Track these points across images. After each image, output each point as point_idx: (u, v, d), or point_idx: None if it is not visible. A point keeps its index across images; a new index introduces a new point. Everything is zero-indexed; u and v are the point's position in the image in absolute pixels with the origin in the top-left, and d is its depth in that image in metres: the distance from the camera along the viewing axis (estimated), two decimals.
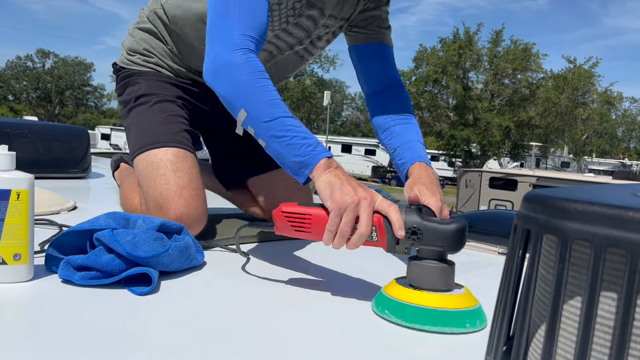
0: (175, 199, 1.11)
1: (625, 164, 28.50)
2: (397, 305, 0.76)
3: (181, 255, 0.90)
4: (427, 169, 1.07)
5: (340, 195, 0.80)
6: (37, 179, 0.84)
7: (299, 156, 0.86)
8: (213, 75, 0.95)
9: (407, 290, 0.77)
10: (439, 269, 0.77)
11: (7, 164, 0.79)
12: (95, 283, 0.80)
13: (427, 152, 1.17)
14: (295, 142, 0.87)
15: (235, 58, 0.92)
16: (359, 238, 0.79)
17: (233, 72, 0.92)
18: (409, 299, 0.75)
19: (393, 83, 1.25)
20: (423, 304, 0.74)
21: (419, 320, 0.73)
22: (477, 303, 0.78)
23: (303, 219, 0.84)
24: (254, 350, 0.64)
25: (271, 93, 0.91)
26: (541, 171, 15.32)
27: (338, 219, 0.80)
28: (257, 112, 0.89)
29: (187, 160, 1.18)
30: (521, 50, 22.37)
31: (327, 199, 0.81)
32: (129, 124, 1.29)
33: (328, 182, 0.83)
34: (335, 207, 0.80)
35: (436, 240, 0.77)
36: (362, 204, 0.80)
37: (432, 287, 0.76)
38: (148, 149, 1.19)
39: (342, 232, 0.80)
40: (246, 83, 0.91)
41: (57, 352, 0.59)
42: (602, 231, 0.37)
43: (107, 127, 33.55)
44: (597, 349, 0.38)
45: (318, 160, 0.85)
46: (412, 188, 0.98)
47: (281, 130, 0.87)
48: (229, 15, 0.96)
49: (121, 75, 1.37)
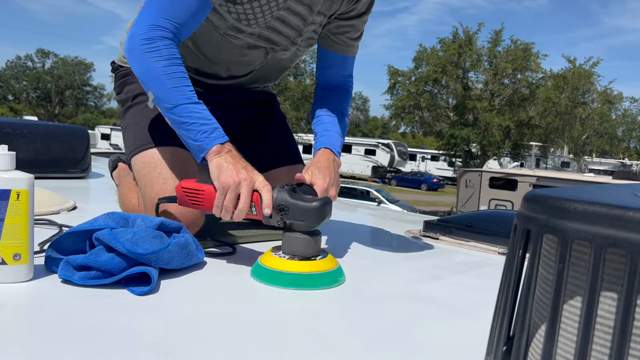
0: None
1: (625, 164, 28.49)
2: (269, 273, 0.90)
3: (181, 252, 0.90)
4: (329, 154, 1.18)
5: (224, 176, 0.94)
6: (37, 179, 0.84)
7: (196, 141, 0.99)
8: (128, 54, 1.04)
9: (278, 259, 0.91)
10: (302, 239, 0.91)
11: (7, 164, 0.79)
12: (95, 283, 0.80)
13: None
14: (193, 128, 0.99)
15: (145, 44, 1.00)
16: (238, 213, 0.94)
17: (143, 56, 1.00)
18: (278, 266, 0.90)
19: (341, 87, 1.36)
20: (287, 270, 0.89)
21: (286, 283, 0.88)
22: (336, 264, 0.94)
23: (197, 194, 0.98)
24: (254, 350, 0.64)
25: (177, 80, 1.00)
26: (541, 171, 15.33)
27: (223, 196, 0.94)
28: (162, 96, 1.00)
29: (184, 160, 1.17)
30: (521, 50, 22.35)
31: (215, 179, 0.95)
32: (126, 123, 1.29)
33: (217, 164, 0.96)
34: (219, 186, 0.94)
35: (300, 215, 0.91)
36: (242, 184, 0.93)
37: (299, 254, 0.91)
38: (145, 148, 1.19)
39: (226, 207, 0.94)
40: (154, 68, 1.00)
41: (57, 352, 0.59)
42: (602, 231, 0.37)
43: (107, 127, 33.57)
44: (597, 349, 0.38)
45: (211, 146, 0.98)
46: (307, 170, 1.10)
47: (182, 117, 0.99)
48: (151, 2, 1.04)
49: (119, 74, 1.37)
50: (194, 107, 0.99)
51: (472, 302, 0.92)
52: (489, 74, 22.77)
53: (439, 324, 0.79)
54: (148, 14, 1.03)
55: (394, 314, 0.82)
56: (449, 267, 1.15)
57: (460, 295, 0.95)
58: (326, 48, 1.32)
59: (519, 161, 25.30)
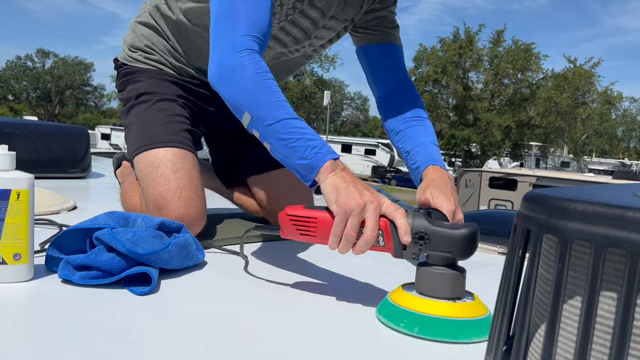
0: (174, 199, 1.11)
1: (625, 163, 28.50)
2: (404, 314, 0.72)
3: (181, 252, 0.90)
4: (441, 171, 1.04)
5: (345, 199, 0.77)
6: (37, 179, 0.84)
7: (304, 159, 0.84)
8: (217, 79, 0.93)
9: (414, 298, 0.73)
10: (447, 276, 0.74)
11: (7, 164, 0.79)
12: (95, 283, 0.80)
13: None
14: (299, 144, 0.84)
15: (239, 60, 0.90)
16: (365, 243, 0.77)
17: (236, 74, 0.90)
18: (416, 307, 0.72)
19: (403, 84, 1.22)
20: (430, 313, 0.71)
21: (426, 330, 0.70)
22: (487, 312, 0.75)
23: (308, 223, 0.82)
24: (254, 350, 0.64)
25: (275, 95, 0.89)
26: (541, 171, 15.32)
27: (343, 223, 0.77)
28: (261, 114, 0.87)
29: (187, 161, 1.17)
30: (522, 51, 22.35)
31: (333, 203, 0.79)
32: (129, 122, 1.28)
33: (333, 185, 0.80)
34: (340, 211, 0.78)
35: (445, 246, 0.74)
36: (368, 207, 0.77)
37: (441, 295, 0.73)
38: (148, 148, 1.18)
39: (347, 236, 0.77)
40: (249, 85, 0.89)
41: (57, 352, 0.59)
42: (602, 231, 0.37)
43: (107, 127, 33.55)
44: (597, 349, 0.38)
45: (323, 163, 0.83)
46: (424, 191, 0.95)
47: (285, 133, 0.85)
48: (231, 17, 0.94)
49: (122, 72, 1.36)
50: (296, 122, 0.87)
51: None
52: (490, 74, 22.76)
53: None
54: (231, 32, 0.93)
55: None
56: None
57: None
58: (368, 43, 1.23)
59: (519, 161, 25.30)
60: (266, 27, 0.96)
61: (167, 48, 1.32)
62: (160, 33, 1.32)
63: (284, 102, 0.89)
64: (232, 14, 0.94)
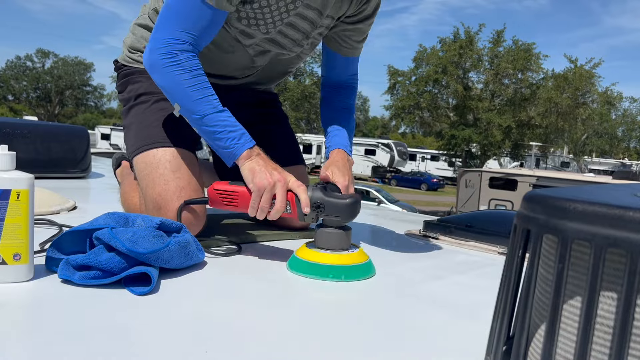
0: (174, 199, 1.11)
1: (625, 164, 28.50)
2: (306, 265, 0.96)
3: (181, 252, 0.90)
4: (344, 154, 1.25)
5: (259, 179, 0.98)
6: (37, 179, 0.84)
7: (227, 148, 1.03)
8: (149, 68, 1.07)
9: (313, 252, 0.98)
10: (336, 234, 0.98)
11: (7, 164, 0.79)
12: (95, 283, 0.80)
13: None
14: (222, 136, 1.03)
15: (165, 58, 1.03)
16: (276, 212, 1.00)
17: (165, 70, 1.03)
18: (316, 259, 0.96)
19: (348, 83, 1.41)
20: (325, 262, 0.95)
21: (324, 274, 0.94)
22: (367, 258, 1.00)
23: (231, 196, 1.04)
24: (254, 350, 0.64)
25: (202, 91, 1.03)
26: (541, 171, 15.32)
27: (259, 198, 0.99)
28: (189, 108, 1.04)
29: (186, 160, 1.18)
30: (522, 51, 22.33)
31: (250, 182, 1.00)
32: (129, 122, 1.28)
33: (250, 168, 1.01)
34: (255, 188, 0.99)
35: (335, 212, 0.99)
36: (277, 185, 0.99)
37: (333, 247, 0.98)
38: (147, 148, 1.18)
39: (262, 208, 0.99)
40: (177, 81, 1.03)
41: (57, 352, 0.59)
42: (602, 231, 0.37)
43: (107, 127, 33.56)
44: (597, 349, 0.38)
45: (242, 151, 1.02)
46: (327, 169, 1.16)
47: (210, 126, 1.03)
48: (167, 16, 1.05)
49: (122, 73, 1.37)
50: (220, 115, 1.03)
51: (472, 302, 0.92)
52: (490, 74, 22.75)
53: (439, 324, 0.79)
54: (165, 27, 1.05)
55: (394, 314, 0.82)
56: (449, 267, 1.15)
57: (460, 295, 0.95)
58: (333, 49, 1.35)
59: (519, 161, 25.30)
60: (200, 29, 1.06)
61: None
62: None
63: (209, 97, 1.04)
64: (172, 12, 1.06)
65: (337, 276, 0.94)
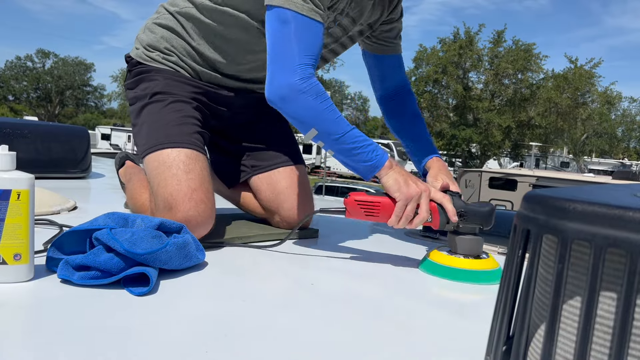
0: (185, 200, 1.11)
1: (625, 164, 28.49)
2: (445, 269, 1.04)
3: (179, 253, 0.90)
4: (443, 162, 1.32)
5: (406, 189, 1.04)
6: (37, 179, 0.84)
7: (368, 161, 1.07)
8: (278, 99, 1.07)
9: (454, 258, 1.05)
10: (476, 240, 1.06)
11: (7, 164, 0.79)
12: (94, 283, 0.80)
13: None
14: (363, 150, 1.07)
15: (300, 85, 1.04)
16: (419, 221, 1.06)
17: (301, 97, 1.05)
18: (456, 264, 1.04)
19: (404, 87, 1.45)
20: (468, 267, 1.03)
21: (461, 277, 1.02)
22: (498, 265, 1.07)
23: (373, 206, 1.08)
24: (254, 350, 0.64)
25: (336, 112, 1.07)
26: (541, 171, 15.30)
27: (404, 207, 1.05)
28: (327, 130, 1.06)
29: (199, 163, 1.18)
30: (523, 51, 22.32)
31: (396, 191, 1.05)
32: (142, 121, 1.27)
33: (394, 179, 1.06)
34: (403, 197, 1.04)
35: (477, 220, 1.07)
36: (423, 195, 1.05)
37: (472, 253, 1.05)
38: (161, 147, 1.18)
39: (407, 216, 1.05)
40: (314, 106, 1.05)
41: (57, 352, 0.59)
42: (602, 231, 0.37)
43: (107, 127, 33.54)
44: (597, 349, 0.38)
45: (383, 163, 1.07)
46: (436, 178, 1.24)
47: (350, 143, 1.06)
48: (288, 42, 1.06)
49: (136, 70, 1.35)
50: (355, 132, 1.07)
51: (472, 302, 0.92)
52: (490, 75, 22.74)
53: (439, 324, 0.79)
54: (290, 57, 1.05)
55: (394, 314, 0.82)
56: None
57: (460, 295, 0.95)
58: (379, 53, 1.42)
59: (519, 161, 25.29)
60: (319, 49, 1.09)
61: (187, 50, 1.31)
62: (181, 35, 1.31)
63: (342, 117, 1.08)
64: (287, 38, 1.06)
65: (477, 281, 1.02)
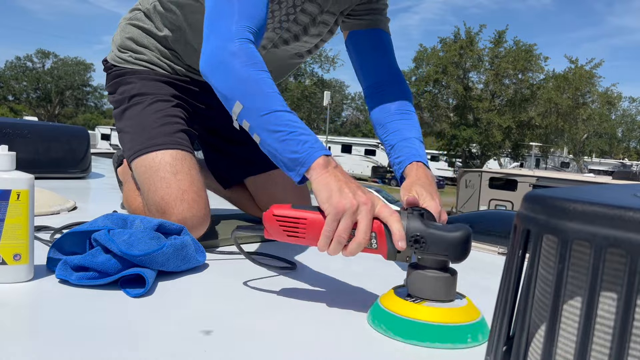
0: (177, 202, 1.10)
1: (625, 164, 28.49)
2: (395, 320, 0.70)
3: (177, 254, 0.89)
4: (425, 169, 1.02)
5: (338, 198, 0.74)
6: (37, 179, 0.84)
7: (295, 153, 0.79)
8: (209, 68, 0.89)
9: (406, 303, 0.71)
10: (442, 280, 0.71)
11: (7, 164, 0.79)
12: (91, 283, 0.80)
13: (427, 152, 1.13)
14: (292, 137, 0.80)
15: (232, 49, 0.87)
16: (357, 246, 0.74)
17: (230, 63, 0.86)
18: (408, 312, 0.70)
19: (391, 75, 1.18)
20: (423, 319, 0.69)
21: (417, 336, 0.68)
22: (480, 315, 0.73)
23: (297, 224, 0.76)
24: (254, 350, 0.64)
25: (269, 86, 0.85)
26: (541, 171, 15.32)
27: (335, 224, 0.74)
28: (254, 104, 0.83)
29: (186, 162, 1.16)
30: (523, 52, 22.33)
31: (324, 202, 0.75)
32: (123, 125, 1.25)
33: (326, 183, 0.76)
34: (332, 211, 0.74)
35: (441, 250, 0.72)
36: (361, 209, 0.73)
37: (434, 297, 0.71)
38: (145, 152, 1.16)
39: (339, 238, 0.74)
40: (243, 74, 0.85)
41: (57, 352, 0.59)
42: (602, 231, 0.37)
43: (107, 128, 33.52)
44: (597, 349, 0.38)
45: (315, 159, 0.79)
46: (409, 190, 0.93)
47: (278, 125, 0.81)
48: (226, 7, 0.91)
49: (112, 74, 1.33)
50: (289, 115, 0.83)
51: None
52: (490, 75, 22.75)
53: None
54: (227, 20, 0.90)
55: None
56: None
57: None
58: (356, 28, 1.20)
59: (519, 161, 25.30)
60: (262, 20, 0.93)
61: (159, 48, 1.29)
62: (151, 33, 1.29)
63: (277, 94, 0.85)
64: (226, 5, 0.92)
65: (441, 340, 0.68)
